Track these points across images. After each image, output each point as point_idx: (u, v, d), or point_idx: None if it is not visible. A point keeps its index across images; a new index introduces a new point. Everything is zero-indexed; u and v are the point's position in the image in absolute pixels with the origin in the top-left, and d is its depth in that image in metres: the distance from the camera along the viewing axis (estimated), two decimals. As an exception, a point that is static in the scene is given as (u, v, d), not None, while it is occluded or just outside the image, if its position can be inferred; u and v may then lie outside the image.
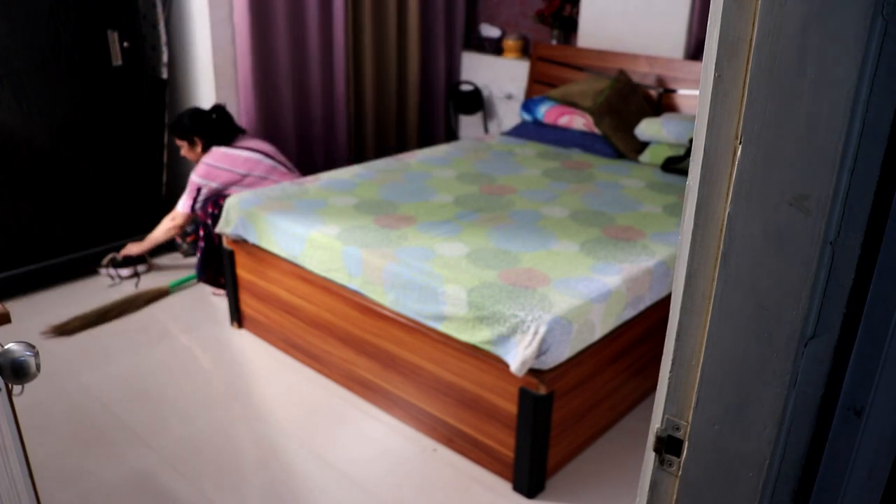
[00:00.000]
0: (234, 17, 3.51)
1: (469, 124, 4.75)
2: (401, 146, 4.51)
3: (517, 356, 1.96)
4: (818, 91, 0.57)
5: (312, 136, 4.03)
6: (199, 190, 3.20)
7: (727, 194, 0.64)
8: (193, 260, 3.67)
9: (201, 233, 3.23)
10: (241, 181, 3.23)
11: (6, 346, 0.98)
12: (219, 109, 3.33)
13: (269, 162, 3.30)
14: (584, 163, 3.41)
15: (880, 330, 0.62)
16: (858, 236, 0.60)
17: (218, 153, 3.23)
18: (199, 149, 3.29)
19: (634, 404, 2.55)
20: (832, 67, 0.56)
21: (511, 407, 2.07)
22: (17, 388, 1.09)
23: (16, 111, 2.99)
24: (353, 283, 2.40)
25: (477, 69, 4.63)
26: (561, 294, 2.07)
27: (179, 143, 3.32)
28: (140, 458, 2.24)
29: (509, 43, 4.44)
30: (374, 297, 2.35)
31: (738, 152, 0.62)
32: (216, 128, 3.29)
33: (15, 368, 0.97)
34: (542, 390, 1.99)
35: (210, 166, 3.21)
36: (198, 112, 3.31)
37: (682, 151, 3.29)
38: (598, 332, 2.13)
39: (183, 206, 3.25)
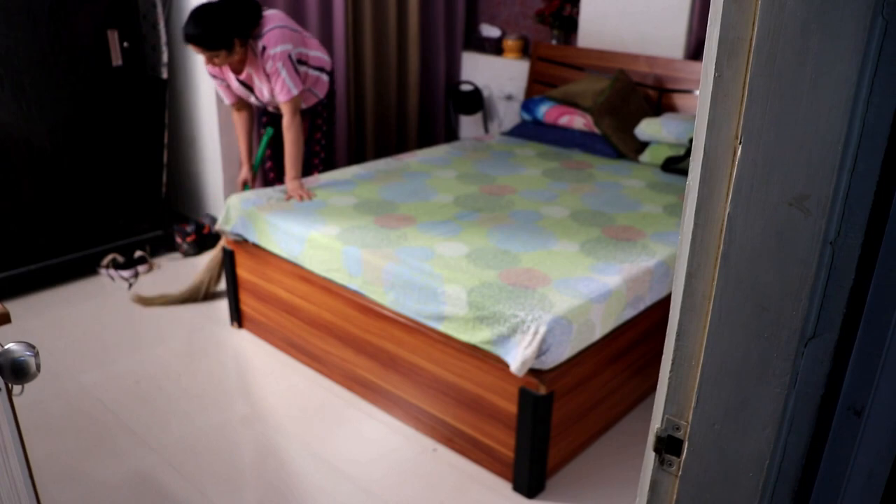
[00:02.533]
0: (234, 17, 3.50)
1: (469, 124, 4.75)
2: (401, 146, 4.51)
3: (517, 356, 1.96)
4: (818, 91, 0.57)
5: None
6: (290, 58, 2.84)
7: (727, 194, 0.64)
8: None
9: (319, 122, 3.16)
10: (301, 40, 2.96)
11: (6, 346, 0.98)
12: None
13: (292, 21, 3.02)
14: (584, 163, 3.41)
15: (880, 330, 0.62)
16: (858, 236, 0.60)
17: (269, 18, 2.85)
18: (237, 46, 2.78)
19: (634, 404, 2.55)
20: (832, 67, 0.56)
21: (511, 407, 2.07)
22: (17, 388, 1.09)
23: (16, 111, 2.99)
24: (353, 283, 2.40)
25: (477, 69, 4.62)
26: (561, 294, 2.07)
27: (213, 54, 2.75)
28: (140, 458, 2.24)
29: (509, 43, 4.44)
30: (374, 297, 2.35)
31: (738, 152, 0.62)
32: (245, 15, 2.79)
33: (15, 368, 0.97)
34: (542, 390, 1.99)
35: (279, 28, 2.83)
36: (219, 10, 2.72)
37: (682, 151, 3.29)
38: (598, 332, 2.13)
39: (293, 87, 2.85)
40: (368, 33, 4.09)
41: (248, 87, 2.97)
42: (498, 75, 4.50)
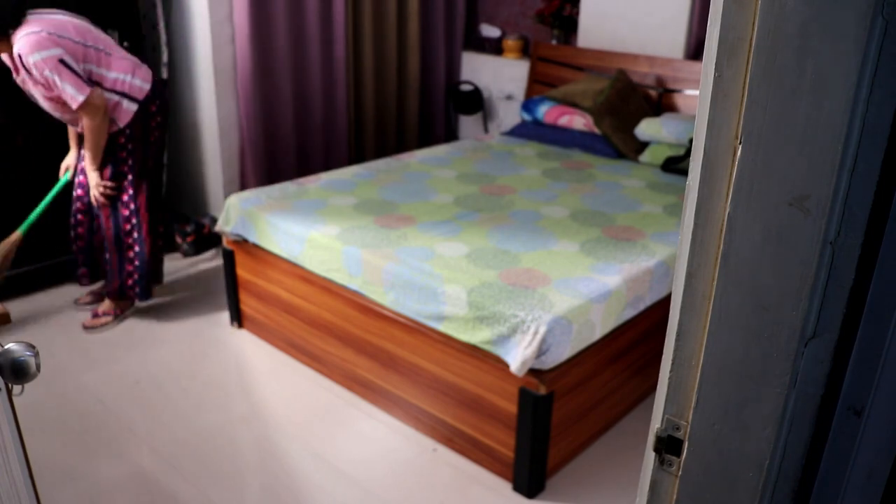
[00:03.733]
0: (234, 17, 3.51)
1: (469, 124, 4.75)
2: (401, 146, 4.51)
3: (517, 356, 1.96)
4: (818, 91, 0.57)
5: (313, 136, 4.03)
6: (63, 62, 2.49)
7: (727, 194, 0.64)
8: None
9: (123, 156, 2.75)
10: (95, 57, 2.63)
11: (6, 346, 0.98)
12: None
13: (96, 31, 2.69)
14: (584, 163, 3.41)
15: (880, 330, 0.62)
16: (858, 236, 0.60)
17: (33, 23, 2.49)
18: None
19: (634, 404, 2.55)
20: (832, 67, 0.56)
21: (511, 407, 2.07)
22: (17, 388, 1.09)
23: (16, 111, 2.99)
24: (353, 283, 2.40)
25: (477, 69, 4.62)
26: (561, 294, 2.07)
27: None
28: (140, 458, 2.24)
29: (509, 43, 4.44)
30: (374, 297, 2.35)
31: (738, 152, 0.62)
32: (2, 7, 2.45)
33: (15, 368, 0.97)
34: (542, 390, 1.99)
35: (36, 35, 2.45)
36: None
37: (682, 151, 3.29)
38: (598, 332, 2.13)
39: (78, 92, 2.53)
40: (368, 33, 4.09)
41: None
42: (498, 75, 4.50)
